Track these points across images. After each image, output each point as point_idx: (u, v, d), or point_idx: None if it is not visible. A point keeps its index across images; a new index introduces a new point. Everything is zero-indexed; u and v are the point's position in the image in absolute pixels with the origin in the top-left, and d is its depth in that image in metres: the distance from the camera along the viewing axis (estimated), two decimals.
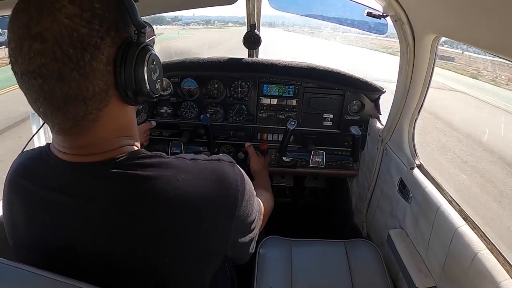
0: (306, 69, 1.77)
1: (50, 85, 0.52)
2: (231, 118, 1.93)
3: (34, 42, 0.51)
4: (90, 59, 0.54)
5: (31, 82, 0.53)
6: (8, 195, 0.69)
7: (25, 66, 0.52)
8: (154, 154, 0.66)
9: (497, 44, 0.82)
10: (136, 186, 0.61)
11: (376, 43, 26.69)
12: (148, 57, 0.62)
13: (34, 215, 0.65)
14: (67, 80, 0.53)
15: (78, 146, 0.61)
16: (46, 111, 0.56)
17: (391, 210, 1.53)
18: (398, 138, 1.51)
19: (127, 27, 0.60)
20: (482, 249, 0.94)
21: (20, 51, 0.52)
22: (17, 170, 0.69)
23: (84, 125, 0.59)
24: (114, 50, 0.57)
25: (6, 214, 0.70)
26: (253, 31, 1.88)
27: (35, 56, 0.51)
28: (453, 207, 1.11)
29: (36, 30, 0.51)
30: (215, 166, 0.70)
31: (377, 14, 1.30)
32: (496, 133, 6.79)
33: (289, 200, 2.44)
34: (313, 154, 1.77)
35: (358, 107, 1.88)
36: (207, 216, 0.65)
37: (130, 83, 0.60)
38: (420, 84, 1.31)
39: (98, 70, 0.55)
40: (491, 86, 11.77)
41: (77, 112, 0.56)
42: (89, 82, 0.55)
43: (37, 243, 0.65)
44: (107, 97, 0.59)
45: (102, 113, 0.59)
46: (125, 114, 0.66)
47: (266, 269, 1.37)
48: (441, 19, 1.03)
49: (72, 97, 0.54)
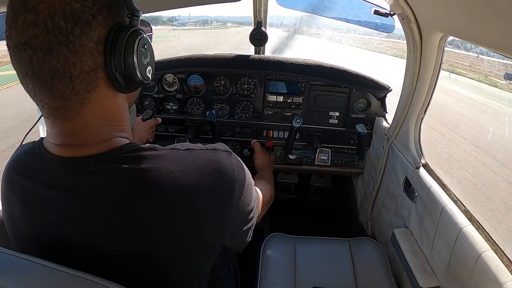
0: (312, 67, 1.77)
1: (39, 57, 0.53)
2: (237, 115, 1.93)
3: (28, 14, 0.52)
4: (80, 34, 0.54)
5: (21, 54, 0.54)
6: (5, 190, 0.70)
7: (18, 37, 0.53)
8: (147, 146, 0.66)
9: (506, 44, 0.81)
10: (129, 180, 0.61)
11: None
12: (138, 40, 0.63)
13: (31, 211, 0.66)
14: (55, 53, 0.53)
15: (68, 131, 0.62)
16: (34, 87, 0.56)
17: (396, 209, 1.53)
18: (404, 137, 1.50)
19: (120, 11, 0.61)
20: (487, 250, 0.94)
21: (15, 24, 0.53)
22: (13, 165, 0.70)
23: (72, 106, 0.59)
24: (105, 30, 0.58)
25: (5, 208, 0.71)
26: (259, 28, 1.87)
27: (28, 27, 0.52)
28: (458, 207, 1.11)
29: (32, 4, 0.53)
30: (210, 156, 0.69)
31: (384, 12, 1.30)
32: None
33: (294, 197, 2.44)
34: (318, 152, 1.77)
35: (364, 106, 1.87)
36: (202, 208, 0.65)
37: (119, 65, 0.60)
38: (426, 83, 1.30)
39: (87, 47, 0.56)
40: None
41: (64, 90, 0.56)
42: (77, 59, 0.55)
43: (36, 237, 0.66)
44: (95, 78, 0.59)
45: (90, 95, 0.59)
46: (115, 102, 0.66)
47: (270, 266, 1.38)
48: (449, 18, 1.02)
49: (59, 72, 0.55)
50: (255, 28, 1.88)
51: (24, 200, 0.66)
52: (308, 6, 1.87)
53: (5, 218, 0.72)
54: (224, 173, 0.68)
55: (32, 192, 0.65)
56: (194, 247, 0.67)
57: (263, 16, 1.88)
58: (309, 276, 1.35)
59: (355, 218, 2.09)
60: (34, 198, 0.65)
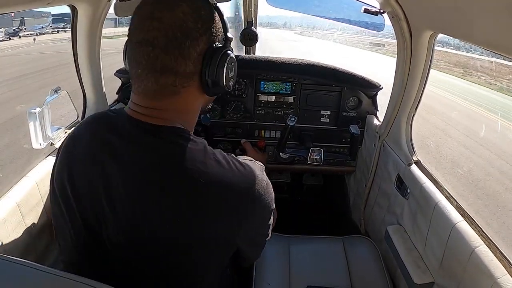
0: (303, 66, 1.77)
1: (156, 53, 0.69)
2: (228, 115, 1.92)
3: (154, 21, 0.69)
4: (189, 46, 0.70)
5: (142, 48, 0.70)
6: (79, 134, 0.79)
7: (142, 35, 0.69)
8: (200, 139, 0.77)
9: (493, 41, 0.82)
10: (175, 151, 0.72)
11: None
12: (228, 58, 0.77)
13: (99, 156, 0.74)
14: (170, 53, 0.69)
15: (150, 106, 0.74)
16: (143, 72, 0.71)
17: (388, 207, 1.53)
18: (395, 134, 1.51)
19: (219, 35, 0.77)
20: (480, 245, 0.95)
21: (142, 26, 0.70)
22: (99, 116, 0.82)
23: (167, 93, 0.73)
24: (206, 46, 0.74)
25: (63, 156, 0.78)
26: (250, 28, 1.87)
27: (153, 30, 0.69)
28: (450, 203, 1.12)
29: (158, 15, 0.69)
30: (247, 163, 0.79)
31: (374, 10, 1.30)
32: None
33: (287, 196, 2.44)
34: (311, 152, 1.77)
35: (355, 104, 1.88)
36: (227, 204, 0.73)
37: (212, 73, 0.75)
38: (417, 80, 1.31)
39: (192, 56, 0.72)
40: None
41: (167, 81, 0.71)
42: (183, 61, 0.71)
43: (87, 194, 0.73)
44: (192, 79, 0.74)
45: (183, 89, 0.74)
46: (197, 100, 0.80)
47: (264, 265, 1.38)
48: (438, 15, 1.02)
49: (169, 67, 0.70)
50: (246, 28, 1.87)
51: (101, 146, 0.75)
52: (298, 5, 1.87)
53: (58, 168, 0.78)
54: (255, 182, 0.77)
55: (108, 141, 0.74)
56: (214, 242, 0.74)
57: (253, 16, 1.88)
58: (304, 275, 1.35)
59: (348, 216, 2.09)
60: (105, 147, 0.74)
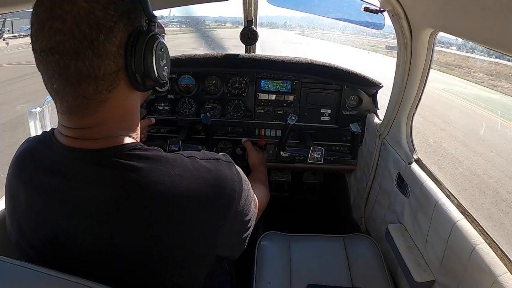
0: (303, 65, 1.77)
1: (65, 61, 0.57)
2: (228, 114, 1.92)
3: (55, 21, 0.56)
4: (104, 40, 0.58)
5: (48, 58, 0.58)
6: (12, 177, 0.71)
7: (45, 43, 0.57)
8: (151, 148, 0.68)
9: (494, 39, 0.82)
10: (129, 176, 0.63)
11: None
12: (156, 44, 0.66)
13: (36, 199, 0.67)
14: (81, 57, 0.57)
15: (81, 126, 0.64)
16: (59, 87, 0.60)
17: (389, 205, 1.53)
18: (396, 132, 1.51)
19: (138, 17, 0.65)
20: (481, 243, 0.95)
21: (42, 30, 0.57)
22: (24, 152, 0.72)
23: (92, 105, 0.62)
24: (126, 35, 0.62)
25: (8, 195, 0.72)
26: (250, 27, 1.87)
27: (55, 34, 0.56)
28: (451, 201, 1.12)
29: (57, 12, 0.56)
30: (212, 166, 0.71)
31: (374, 9, 1.30)
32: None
33: (287, 195, 2.44)
34: (311, 150, 1.77)
35: (355, 102, 1.88)
36: (197, 217, 0.66)
37: (139, 67, 0.64)
38: (417, 78, 1.31)
39: (110, 52, 0.60)
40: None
41: (87, 90, 0.60)
42: (101, 62, 0.59)
43: (36, 228, 0.67)
44: (117, 79, 0.63)
45: (110, 95, 0.63)
46: (131, 100, 0.69)
47: (265, 264, 1.38)
48: (438, 14, 1.02)
49: (84, 74, 0.59)
50: (246, 27, 1.87)
51: (30, 185, 0.68)
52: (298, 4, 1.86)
53: (7, 206, 0.73)
54: (224, 184, 0.70)
55: (39, 179, 0.66)
56: (184, 254, 0.67)
57: (253, 14, 1.88)
58: (304, 274, 1.35)
59: (348, 215, 2.09)
60: (41, 185, 0.66)
